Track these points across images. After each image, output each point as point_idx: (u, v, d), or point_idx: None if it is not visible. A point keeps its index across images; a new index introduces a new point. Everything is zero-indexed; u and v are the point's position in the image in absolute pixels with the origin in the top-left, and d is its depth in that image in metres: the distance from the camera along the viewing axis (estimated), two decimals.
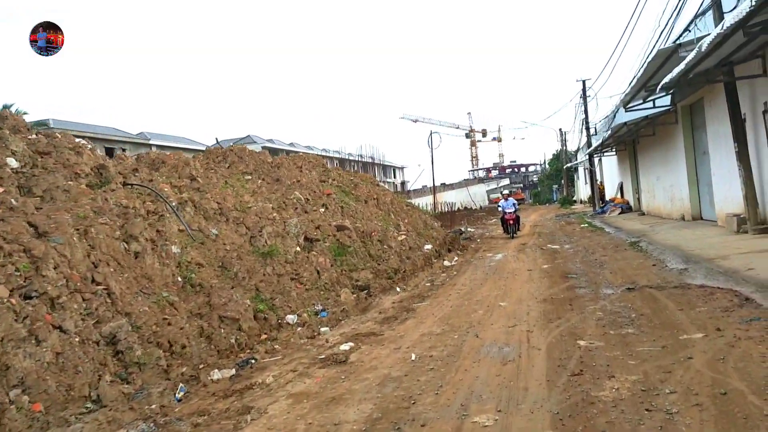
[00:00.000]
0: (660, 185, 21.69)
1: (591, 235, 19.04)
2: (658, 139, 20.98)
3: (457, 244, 19.06)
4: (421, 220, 19.08)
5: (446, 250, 17.87)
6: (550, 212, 44.85)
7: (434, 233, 18.25)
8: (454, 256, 17.50)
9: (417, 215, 19.18)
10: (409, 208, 19.60)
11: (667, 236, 14.32)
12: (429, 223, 19.36)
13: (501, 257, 15.79)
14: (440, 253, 16.72)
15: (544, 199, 78.92)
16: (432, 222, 19.98)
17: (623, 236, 16.66)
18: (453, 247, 18.55)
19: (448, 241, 18.63)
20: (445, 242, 18.17)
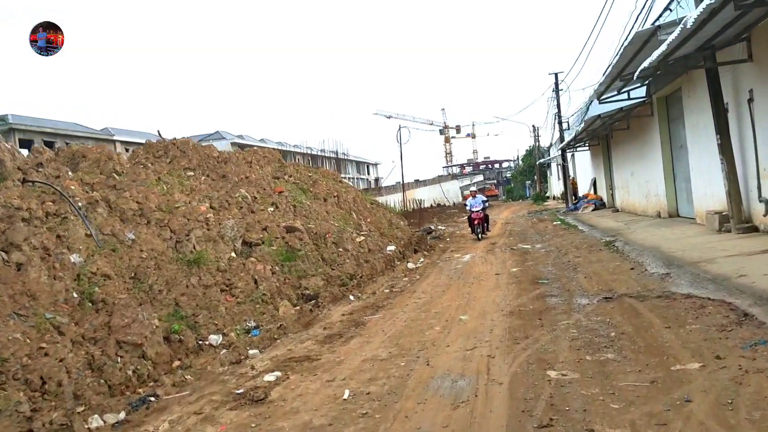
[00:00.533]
0: (635, 181, 20.87)
1: (564, 234, 18.11)
2: (633, 133, 20.14)
3: (424, 244, 17.98)
4: (386, 219, 17.96)
5: (412, 251, 16.78)
6: (522, 209, 44.13)
7: (399, 233, 17.14)
8: (420, 257, 16.41)
9: (381, 214, 18.04)
10: (373, 207, 18.46)
11: (644, 235, 13.39)
12: (394, 223, 18.25)
13: (469, 259, 14.74)
14: (405, 255, 15.62)
15: (517, 195, 78.53)
16: (398, 221, 18.87)
17: (597, 235, 15.73)
18: (419, 247, 17.47)
19: (414, 241, 17.54)
20: (410, 242, 17.07)
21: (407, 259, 15.37)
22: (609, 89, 15.32)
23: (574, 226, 20.26)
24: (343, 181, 20.26)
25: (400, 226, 18.14)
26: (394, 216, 19.76)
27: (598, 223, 19.32)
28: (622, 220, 18.87)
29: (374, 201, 19.70)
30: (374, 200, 19.82)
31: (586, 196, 30.33)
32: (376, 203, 19.61)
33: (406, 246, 16.42)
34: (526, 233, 20.56)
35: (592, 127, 20.94)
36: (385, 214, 18.46)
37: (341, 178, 20.16)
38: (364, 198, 19.15)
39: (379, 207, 19.27)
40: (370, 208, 17.96)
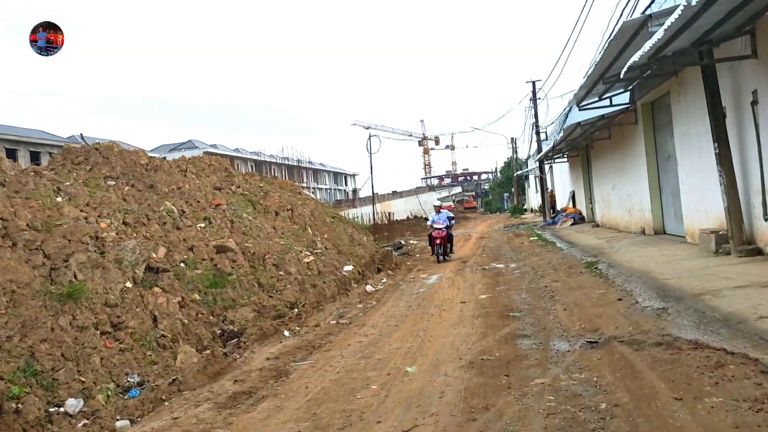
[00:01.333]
0: (616, 194, 19.50)
1: (541, 252, 16.62)
2: (615, 143, 18.78)
3: (389, 262, 16.36)
4: (347, 234, 16.32)
5: (374, 270, 15.16)
6: (499, 222, 42.79)
7: (361, 250, 15.50)
8: (383, 277, 14.81)
9: (342, 229, 16.40)
10: (333, 221, 16.81)
11: (630, 256, 11.91)
12: (357, 239, 16.62)
13: (435, 280, 13.15)
14: (365, 275, 13.98)
15: (495, 207, 77.41)
16: (361, 236, 17.24)
17: (577, 254, 14.24)
18: (384, 266, 15.85)
19: (378, 259, 15.92)
20: (373, 261, 15.44)
21: (367, 280, 13.74)
22: (590, 94, 13.91)
23: (552, 242, 18.81)
24: (303, 193, 18.60)
25: (363, 243, 16.50)
26: (358, 231, 18.13)
27: (577, 240, 17.87)
28: (603, 237, 17.43)
29: (336, 215, 18.06)
30: (336, 214, 18.18)
31: (565, 209, 28.99)
32: (338, 217, 17.97)
33: (368, 265, 14.79)
34: (500, 250, 19.07)
35: (571, 137, 19.55)
36: (346, 228, 16.82)
37: (300, 189, 18.50)
38: (324, 211, 17.50)
39: (341, 221, 17.63)
40: (330, 222, 16.31)
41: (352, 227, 18.06)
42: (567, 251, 15.44)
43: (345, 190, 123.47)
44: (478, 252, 19.06)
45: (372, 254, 15.81)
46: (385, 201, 68.11)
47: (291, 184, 18.39)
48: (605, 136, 19.60)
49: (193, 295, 8.37)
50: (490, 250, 19.18)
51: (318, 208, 17.37)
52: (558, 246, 17.35)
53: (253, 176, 16.68)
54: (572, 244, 16.81)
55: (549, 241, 19.39)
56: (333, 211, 18.34)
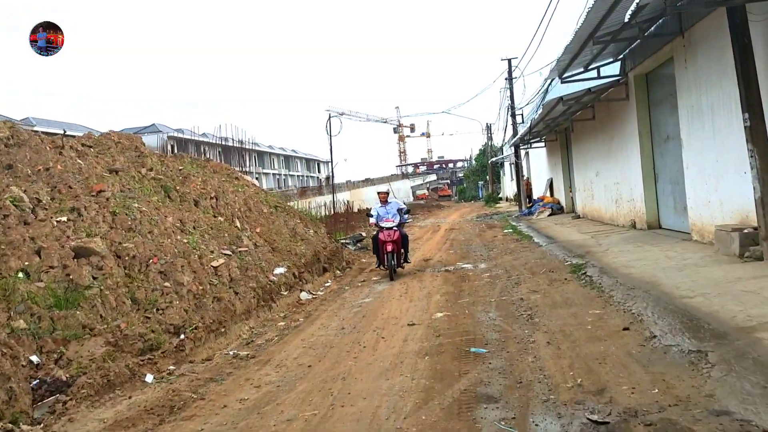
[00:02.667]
0: (600, 182, 17.21)
1: (516, 248, 14.25)
2: (600, 124, 16.45)
3: (338, 261, 13.85)
4: (289, 228, 13.74)
5: (319, 270, 12.65)
6: (473, 211, 40.55)
7: (303, 247, 12.94)
8: (328, 279, 12.32)
9: (282, 221, 13.81)
10: (274, 211, 14.22)
11: (627, 258, 9.56)
12: (301, 232, 14.05)
13: (386, 286, 10.70)
14: (303, 278, 11.45)
15: (470, 196, 75.31)
16: (308, 229, 14.66)
17: (559, 252, 11.87)
18: (332, 265, 13.35)
19: (325, 257, 13.39)
20: (318, 259, 12.91)
21: (305, 284, 11.22)
22: (575, 62, 11.54)
23: (528, 236, 16.47)
24: (243, 178, 15.95)
25: (309, 237, 13.93)
26: (306, 223, 15.55)
27: (557, 234, 15.54)
28: (587, 231, 15.12)
29: (280, 204, 15.44)
30: (281, 203, 15.54)
31: (542, 198, 26.74)
32: (282, 206, 15.36)
33: (310, 265, 12.25)
34: (470, 244, 16.68)
35: (551, 116, 17.14)
36: (288, 221, 14.23)
37: (239, 174, 15.83)
38: (266, 200, 14.89)
39: (285, 212, 15.03)
40: (269, 213, 13.72)
41: (299, 218, 15.48)
42: (546, 248, 13.07)
43: (318, 177, 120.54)
44: (445, 247, 16.64)
45: (318, 251, 13.27)
46: (356, 189, 65.52)
47: (227, 168, 15.73)
48: (588, 117, 17.25)
49: (18, 321, 5.77)
50: (459, 245, 16.79)
51: (256, 196, 14.76)
52: (535, 241, 14.99)
53: (167, 157, 13.95)
54: (552, 239, 14.47)
55: (525, 235, 17.05)
56: (277, 200, 15.73)
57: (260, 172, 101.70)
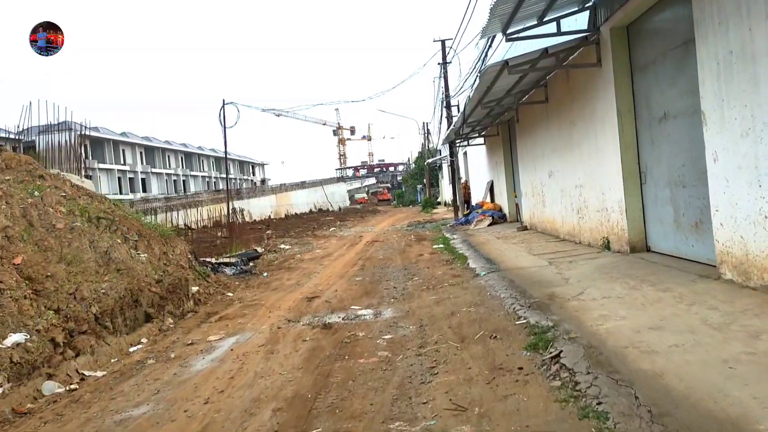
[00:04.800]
0: (556, 185, 13.16)
1: (443, 277, 9.94)
2: (556, 107, 12.39)
3: (178, 300, 9.20)
4: (99, 251, 8.94)
5: (136, 319, 7.99)
6: (408, 217, 36.39)
7: (109, 284, 8.19)
8: (142, 337, 7.70)
9: (88, 243, 8.98)
10: (82, 227, 9.39)
11: (630, 321, 5.30)
12: (120, 258, 9.24)
13: (215, 359, 6.16)
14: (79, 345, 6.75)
15: (408, 200, 71.38)
16: (137, 253, 9.87)
17: (505, 293, 7.57)
18: (161, 309, 8.70)
19: (154, 297, 8.71)
20: (136, 302, 8.22)
21: (81, 356, 6.53)
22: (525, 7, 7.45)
23: (463, 257, 12.23)
24: (55, 178, 11.03)
25: (132, 265, 9.15)
26: (147, 242, 10.74)
27: (501, 255, 11.33)
28: (541, 252, 10.98)
29: (107, 215, 10.58)
30: (108, 214, 10.68)
31: (481, 204, 22.69)
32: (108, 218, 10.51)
33: (111, 314, 7.56)
34: (386, 268, 12.31)
35: (492, 95, 12.86)
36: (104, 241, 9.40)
37: (46, 173, 10.88)
38: (81, 209, 10.04)
39: (111, 226, 10.20)
40: (67, 230, 8.89)
41: (138, 235, 10.65)
42: (485, 281, 8.76)
43: (252, 180, 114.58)
44: (352, 272, 12.20)
45: (139, 288, 8.55)
46: (283, 192, 60.55)
47: (29, 163, 10.75)
48: (540, 98, 13.19)
49: None
50: (372, 269, 12.40)
51: (67, 203, 9.93)
52: (471, 266, 10.73)
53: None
54: (493, 264, 10.23)
55: (458, 254, 12.81)
56: (107, 209, 10.85)
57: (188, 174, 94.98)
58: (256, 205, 46.53)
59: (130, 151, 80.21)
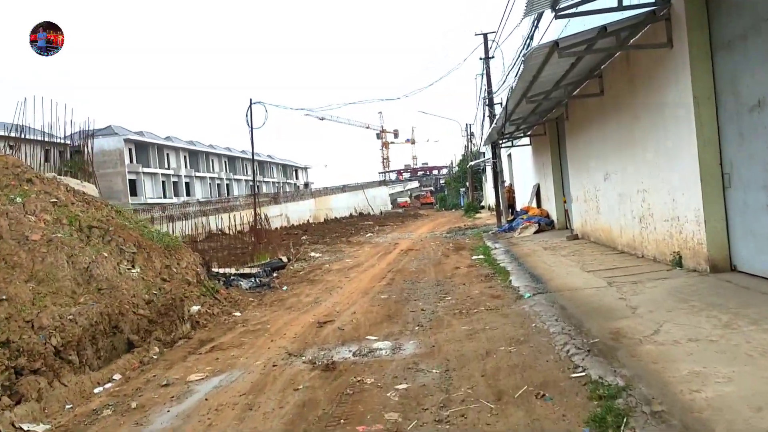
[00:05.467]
0: (613, 189, 11.48)
1: (480, 298, 8.42)
2: (614, 100, 10.73)
3: (169, 326, 7.96)
4: (78, 267, 7.76)
5: (114, 349, 6.79)
6: (449, 222, 34.85)
7: (88, 305, 6.99)
8: (115, 373, 6.46)
9: (64, 258, 7.80)
10: (63, 236, 8.26)
11: (729, 370, 3.77)
12: (104, 274, 8.04)
13: (186, 411, 4.84)
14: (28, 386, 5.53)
15: (451, 204, 69.59)
16: (129, 268, 8.68)
17: (554, 325, 6.04)
18: (147, 335, 7.48)
19: (141, 321, 7.50)
20: (115, 329, 7.00)
21: (25, 402, 5.31)
22: None
23: (504, 271, 10.69)
24: (49, 182, 9.97)
25: (118, 283, 7.95)
26: (148, 254, 9.56)
27: (548, 271, 9.75)
28: (597, 269, 9.35)
29: (101, 224, 9.44)
30: (102, 223, 9.53)
31: (526, 210, 20.98)
32: (102, 227, 9.37)
33: (78, 344, 6.34)
34: (416, 283, 10.88)
35: (538, 87, 11.26)
36: (93, 254, 8.24)
37: (35, 175, 9.81)
38: (71, 218, 8.93)
39: (105, 236, 9.06)
40: (44, 242, 7.76)
41: (137, 246, 9.48)
42: (531, 307, 7.21)
43: (296, 184, 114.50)
44: (377, 288, 10.80)
45: (120, 312, 7.34)
46: (323, 196, 59.60)
47: (16, 165, 9.70)
48: (594, 91, 11.54)
49: None
50: (400, 285, 10.97)
51: (55, 211, 8.83)
52: (513, 284, 9.19)
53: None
54: (539, 283, 8.67)
55: (499, 268, 11.27)
56: (95, 215, 9.69)
57: (231, 178, 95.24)
58: (294, 210, 45.59)
59: (174, 156, 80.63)
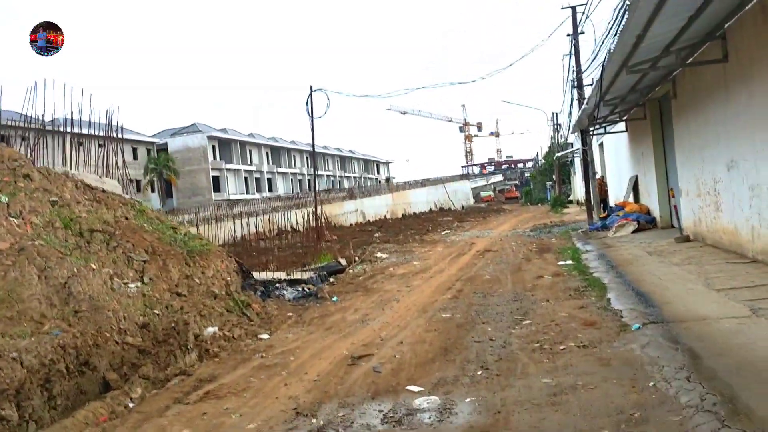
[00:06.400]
0: (741, 181, 9.03)
1: (567, 328, 6.38)
2: (745, 66, 8.31)
3: (164, 358, 6.42)
4: (53, 284, 6.36)
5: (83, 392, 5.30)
6: (534, 218, 32.28)
7: (51, 335, 5.56)
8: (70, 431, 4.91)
9: (35, 274, 6.41)
10: (37, 244, 6.90)
11: None
12: (89, 291, 6.62)
13: None
14: None
15: (537, 198, 66.17)
16: (122, 284, 7.22)
17: (686, 385, 4.00)
18: (132, 369, 5.97)
19: (128, 353, 6.03)
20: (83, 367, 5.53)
21: None
22: None
23: (600, 284, 8.55)
24: (44, 176, 8.71)
25: (101, 304, 6.47)
26: (162, 263, 8.13)
27: (659, 287, 7.52)
28: (727, 285, 7.06)
29: (107, 227, 8.06)
30: (108, 226, 8.13)
31: (622, 206, 18.37)
32: (106, 231, 7.99)
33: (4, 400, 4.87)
34: (491, 294, 8.98)
35: (641, 54, 8.97)
36: (75, 265, 6.83)
37: (33, 169, 8.53)
38: (68, 220, 7.60)
39: (109, 240, 7.69)
40: (14, 249, 6.41)
41: (148, 252, 8.05)
42: (643, 350, 5.12)
43: (377, 179, 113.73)
44: (441, 302, 8.93)
45: (92, 344, 5.86)
46: (400, 191, 57.97)
47: (14, 158, 8.48)
48: (714, 56, 9.12)
49: None
50: (470, 296, 9.08)
51: (53, 213, 7.52)
52: (612, 305, 7.07)
53: None
54: (650, 306, 6.53)
55: (592, 279, 9.12)
56: (102, 217, 8.29)
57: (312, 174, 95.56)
58: (369, 205, 44.21)
59: (257, 152, 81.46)
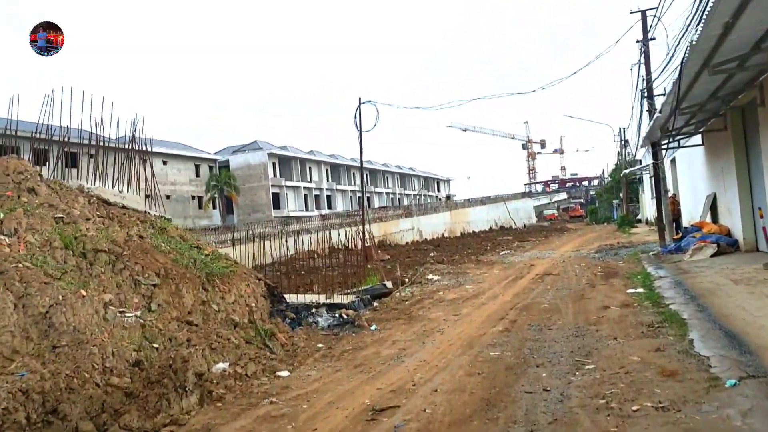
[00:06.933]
0: None
1: (640, 378, 5.19)
2: None
3: (166, 400, 5.58)
4: (31, 314, 5.63)
5: None
6: (599, 238, 30.47)
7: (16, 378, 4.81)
8: None
9: (12, 301, 5.71)
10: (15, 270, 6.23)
11: None
12: (72, 327, 5.88)
13: None
14: None
15: (602, 217, 63.52)
16: (118, 315, 6.47)
17: None
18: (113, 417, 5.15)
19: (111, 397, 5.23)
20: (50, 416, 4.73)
21: None
22: None
23: (679, 319, 7.26)
24: (52, 191, 8.13)
25: (86, 337, 5.71)
26: (192, 285, 7.37)
27: (754, 325, 6.20)
28: None
29: (115, 247, 7.37)
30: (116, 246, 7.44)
31: (699, 227, 16.66)
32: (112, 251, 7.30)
33: None
34: (549, 327, 7.87)
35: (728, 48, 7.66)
36: (62, 292, 6.13)
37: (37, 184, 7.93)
38: (70, 241, 6.95)
39: (115, 263, 6.99)
40: None
41: (157, 273, 7.31)
42: (743, 417, 3.93)
43: (437, 196, 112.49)
44: (490, 336, 7.81)
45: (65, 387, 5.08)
46: (459, 209, 56.60)
47: (17, 171, 7.92)
48: None
49: None
50: (525, 329, 7.94)
51: (27, 227, 6.90)
52: (696, 349, 5.81)
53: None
54: (744, 352, 5.29)
55: (669, 313, 7.81)
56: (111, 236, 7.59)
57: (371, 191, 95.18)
58: (426, 223, 43.12)
59: (317, 169, 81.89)
